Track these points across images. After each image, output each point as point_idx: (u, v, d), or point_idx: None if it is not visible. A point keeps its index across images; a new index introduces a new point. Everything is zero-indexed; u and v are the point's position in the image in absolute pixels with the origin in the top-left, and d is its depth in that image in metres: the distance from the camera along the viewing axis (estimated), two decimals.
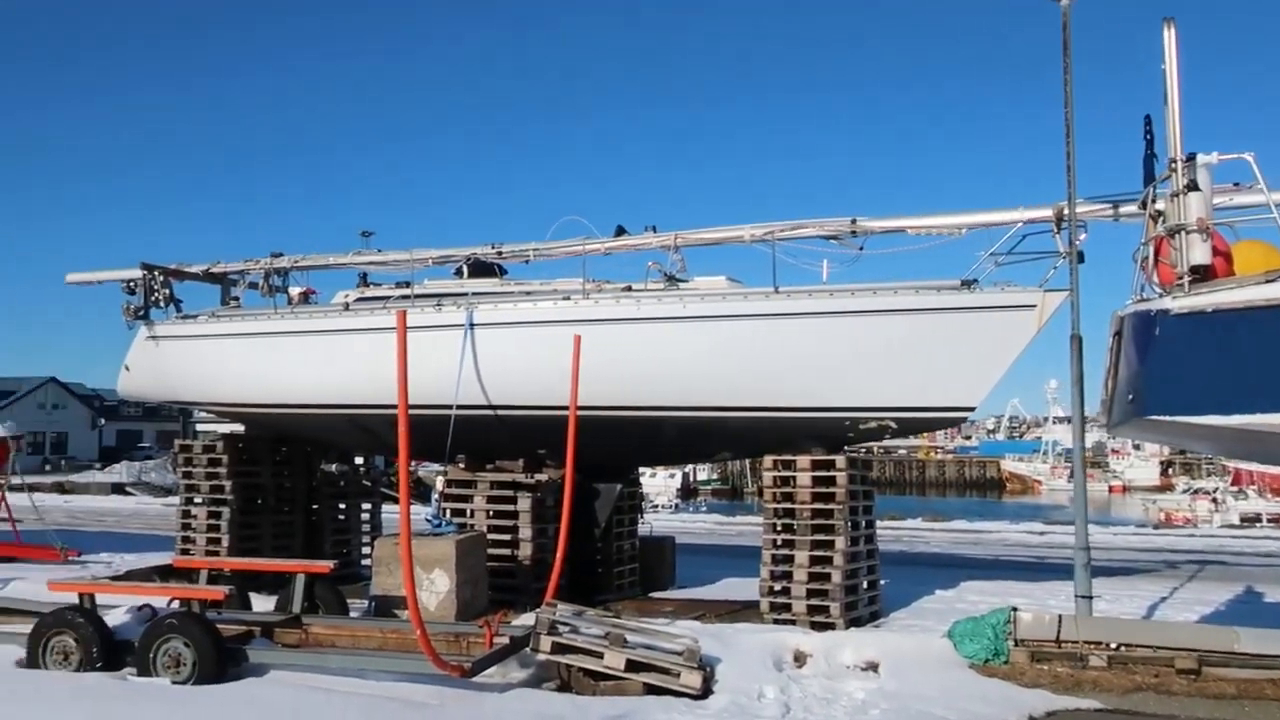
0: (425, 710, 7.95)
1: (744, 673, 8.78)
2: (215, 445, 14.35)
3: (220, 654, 8.75)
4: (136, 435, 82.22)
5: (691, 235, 12.18)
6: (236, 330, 14.05)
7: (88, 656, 9.07)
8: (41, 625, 9.33)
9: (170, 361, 14.52)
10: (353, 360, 12.73)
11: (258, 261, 14.63)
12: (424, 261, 13.53)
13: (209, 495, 14.17)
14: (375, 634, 9.68)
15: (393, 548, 11.03)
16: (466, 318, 12.13)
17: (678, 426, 12.06)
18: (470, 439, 12.19)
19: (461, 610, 10.86)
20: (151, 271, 14.38)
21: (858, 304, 10.86)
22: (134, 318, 14.56)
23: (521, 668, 9.29)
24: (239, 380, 14.03)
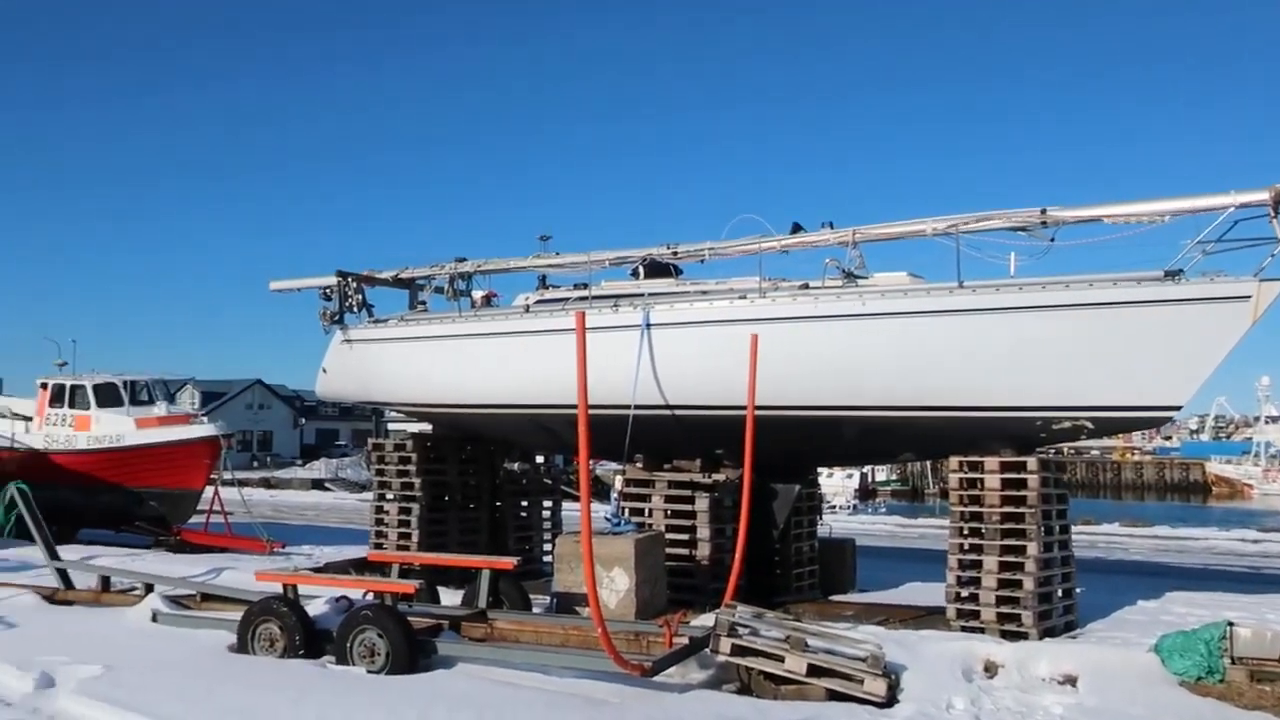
0: (606, 708, 8.01)
1: (931, 682, 8.47)
2: (405, 444, 14.94)
3: (411, 646, 9.06)
4: (334, 434, 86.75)
5: (871, 230, 11.86)
6: (423, 333, 14.57)
7: (291, 644, 9.56)
8: (250, 613, 9.91)
9: (363, 364, 15.20)
10: (533, 361, 13.00)
11: (443, 266, 15.13)
12: (601, 263, 13.69)
13: (400, 492, 14.77)
14: (557, 630, 9.83)
15: (573, 545, 11.19)
16: (643, 318, 12.19)
17: (858, 426, 11.78)
18: (648, 439, 12.25)
19: (641, 609, 10.92)
20: (346, 278, 15.08)
21: (1050, 298, 10.32)
22: (330, 322, 15.31)
23: (701, 668, 9.25)
24: (426, 381, 14.55)
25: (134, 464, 20.12)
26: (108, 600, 12.12)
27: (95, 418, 20.76)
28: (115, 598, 12.14)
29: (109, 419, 20.68)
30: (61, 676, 8.92)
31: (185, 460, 19.89)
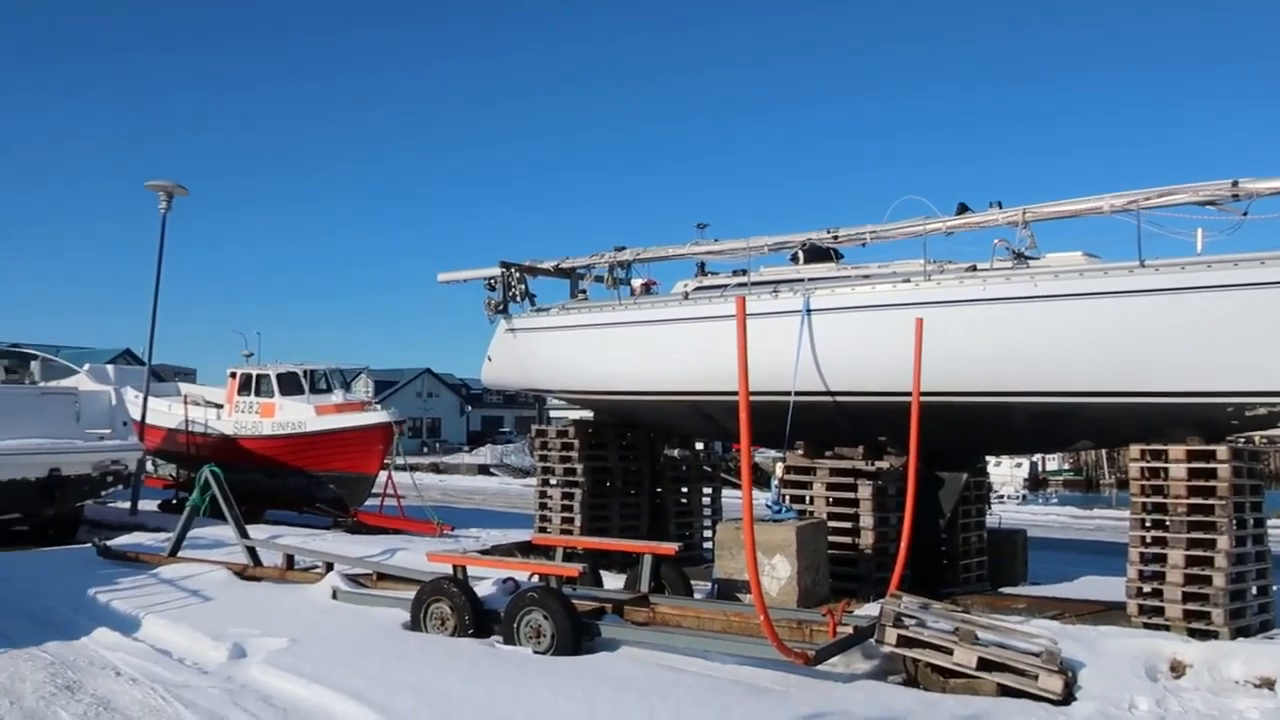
0: (770, 695, 7.97)
1: (1111, 680, 8.08)
2: (567, 430, 15.21)
3: (575, 628, 9.22)
4: (499, 421, 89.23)
5: (1042, 209, 11.36)
6: (584, 321, 14.79)
7: (461, 623, 9.87)
8: (422, 593, 10.27)
9: (526, 352, 15.54)
10: (692, 348, 13.02)
11: (602, 255, 15.32)
12: (760, 249, 13.58)
13: (562, 477, 15.05)
14: (719, 616, 9.83)
15: (734, 532, 11.17)
16: (803, 303, 12.03)
17: (1029, 413, 11.33)
18: (809, 425, 12.09)
19: (803, 597, 10.81)
20: (509, 269, 15.45)
21: (1243, 276, 9.64)
22: (495, 312, 15.72)
23: (865, 659, 9.09)
24: (586, 368, 14.77)
25: (314, 449, 21.20)
26: (292, 577, 12.78)
27: (279, 405, 21.97)
28: (299, 575, 12.79)
29: (291, 406, 21.85)
30: (252, 648, 9.47)
31: (361, 446, 20.83)
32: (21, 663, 9.28)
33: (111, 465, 18.03)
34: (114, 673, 8.98)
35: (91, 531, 18.41)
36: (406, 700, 7.71)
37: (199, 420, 23.32)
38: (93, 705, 7.97)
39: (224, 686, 8.49)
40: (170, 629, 10.36)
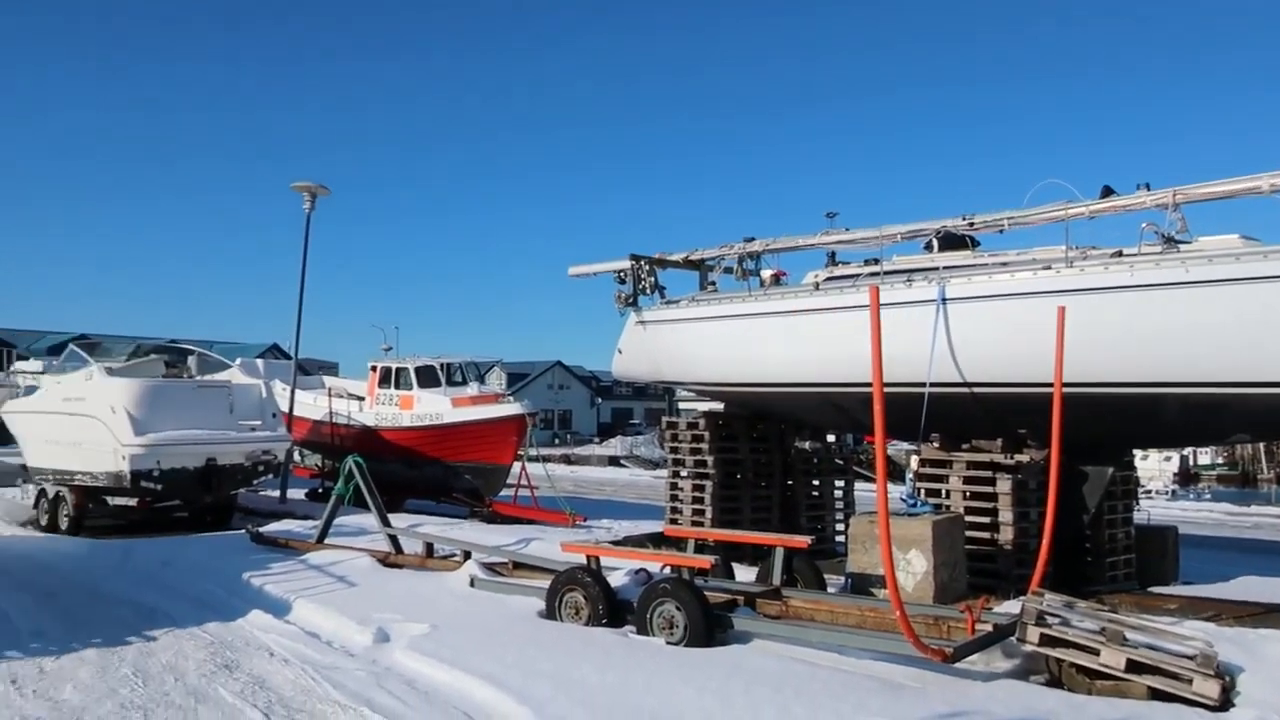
0: (906, 692, 7.83)
1: (1273, 686, 7.65)
2: (698, 422, 15.23)
3: (708, 619, 9.23)
4: (628, 413, 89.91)
5: (1194, 190, 10.83)
6: (713, 313, 14.78)
7: (595, 612, 10.00)
8: (557, 582, 10.44)
9: (656, 344, 15.62)
10: (823, 339, 12.87)
11: (731, 247, 15.27)
12: (892, 237, 13.33)
13: (693, 469, 15.08)
14: (853, 611, 9.70)
15: (868, 526, 11.00)
16: (938, 292, 11.76)
17: (1181, 405, 10.82)
18: (944, 417, 11.83)
19: (939, 593, 10.58)
20: (639, 261, 15.55)
21: None
22: (625, 304, 15.84)
23: (1005, 657, 8.83)
24: (716, 360, 14.75)
25: (451, 440, 21.76)
26: (432, 565, 13.15)
27: (417, 397, 22.62)
28: (438, 563, 13.16)
29: (429, 398, 22.46)
30: (395, 633, 9.79)
31: (496, 437, 21.28)
32: (185, 642, 9.83)
33: (262, 455, 18.90)
34: (268, 653, 9.42)
35: (244, 518, 19.33)
36: (543, 687, 7.85)
37: (342, 412, 24.20)
38: (249, 684, 8.38)
39: (369, 669, 8.81)
40: (319, 613, 10.79)
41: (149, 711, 7.59)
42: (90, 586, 12.83)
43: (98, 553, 15.08)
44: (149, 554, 14.44)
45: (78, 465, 18.28)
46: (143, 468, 17.23)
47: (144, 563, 14.01)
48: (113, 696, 7.96)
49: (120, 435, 17.22)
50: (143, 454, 17.17)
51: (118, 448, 17.21)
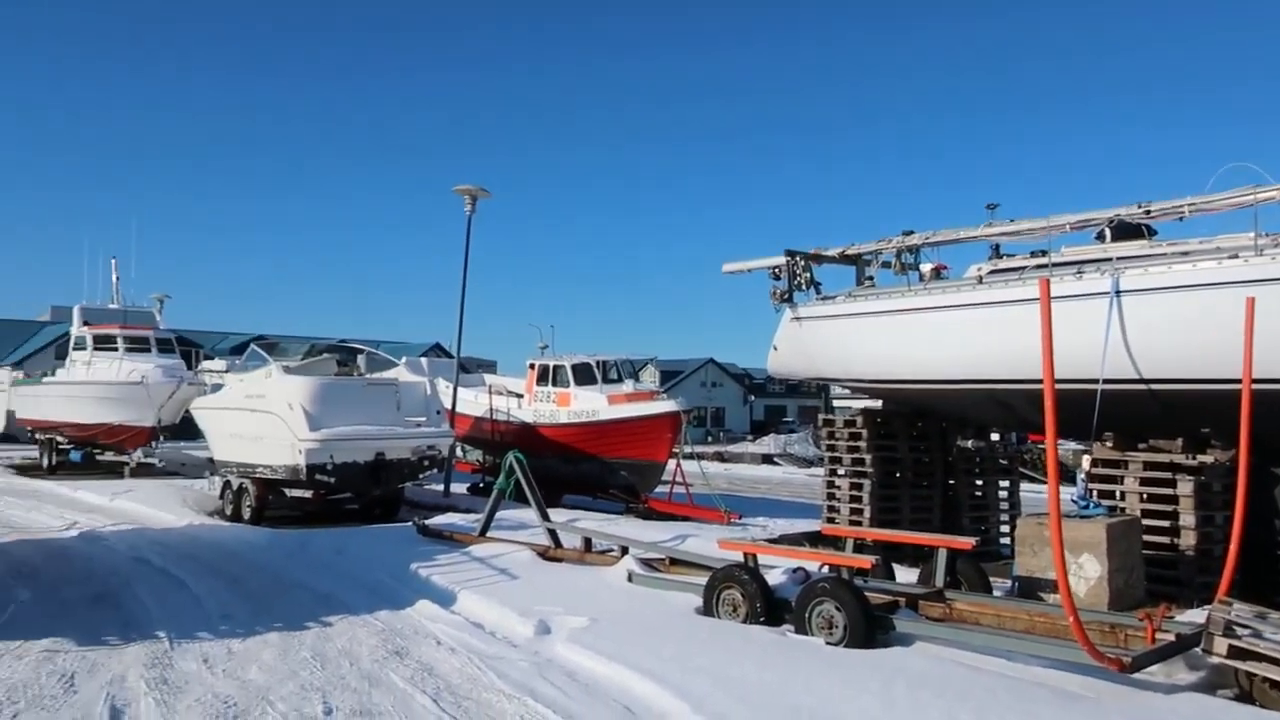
0: (1079, 702, 7.50)
1: None
2: (855, 420, 14.98)
3: (869, 620, 9.07)
4: (781, 410, 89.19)
5: None
6: (872, 309, 14.50)
7: (752, 610, 9.95)
8: (714, 579, 10.45)
9: (812, 341, 15.43)
10: (988, 334, 12.46)
11: (889, 241, 14.95)
12: (1061, 227, 12.79)
13: (850, 467, 14.84)
14: (1022, 616, 9.37)
15: (1036, 528, 10.60)
16: (1111, 284, 11.22)
17: None
18: (1118, 415, 11.28)
19: (1114, 600, 10.10)
20: (794, 257, 15.39)
21: None
22: (780, 301, 15.70)
23: (1188, 669, 8.37)
24: (875, 357, 14.47)
25: (607, 437, 22.04)
26: (590, 559, 13.35)
27: (574, 394, 23.00)
28: (596, 557, 13.35)
29: (585, 395, 22.81)
30: (555, 625, 9.98)
31: (651, 434, 21.43)
32: (358, 628, 10.27)
33: (428, 450, 19.57)
34: (435, 642, 9.74)
35: (410, 511, 20.04)
36: (702, 683, 7.87)
37: (502, 409, 24.83)
38: (418, 671, 8.69)
39: (531, 660, 9.01)
40: (482, 604, 11.10)
41: (327, 693, 7.96)
42: (272, 573, 13.54)
43: (278, 541, 15.90)
44: (324, 543, 15.14)
45: (259, 459, 19.33)
46: (317, 461, 18.09)
47: (320, 552, 14.70)
48: (294, 678, 8.38)
49: (297, 430, 18.12)
50: (317, 448, 18.02)
51: (294, 442, 18.12)
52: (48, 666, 8.59)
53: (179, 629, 10.05)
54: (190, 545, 15.93)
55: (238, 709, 7.53)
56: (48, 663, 8.71)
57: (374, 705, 7.67)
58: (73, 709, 7.47)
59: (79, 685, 8.08)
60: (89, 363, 29.57)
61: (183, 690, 7.99)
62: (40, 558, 14.50)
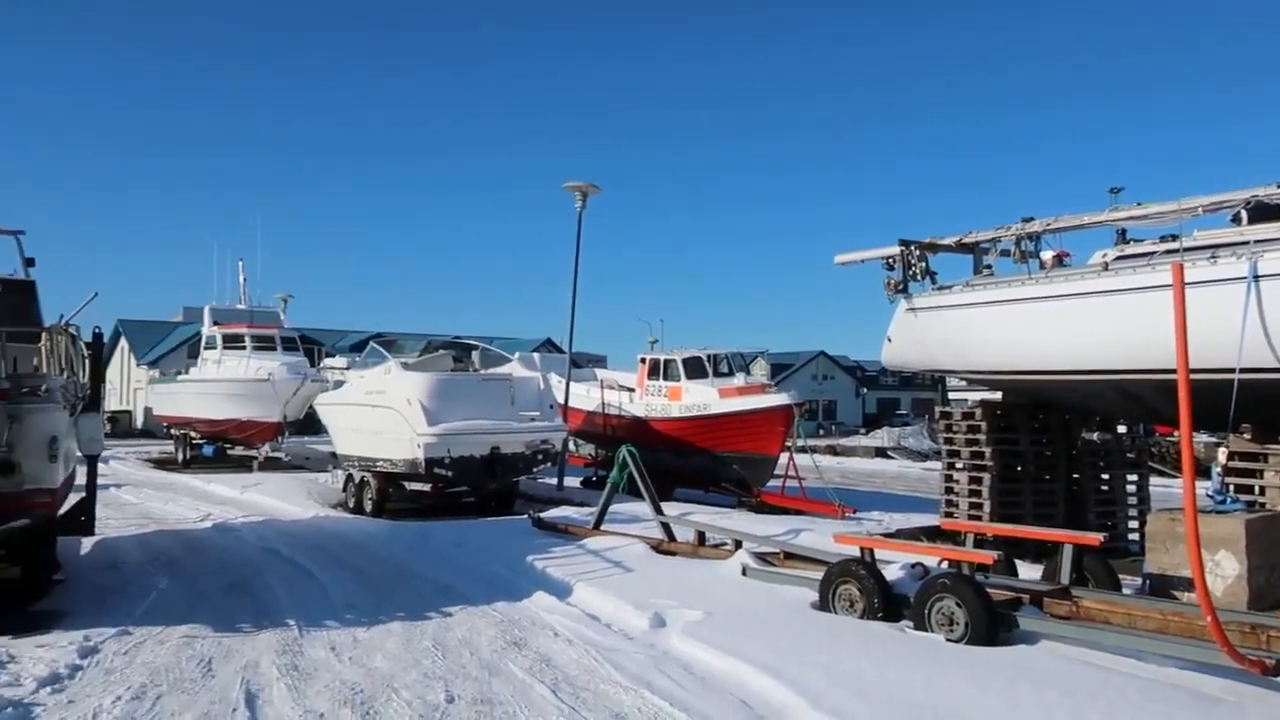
0: (1220, 706, 7.18)
1: None
2: (974, 412, 14.62)
3: (991, 617, 8.84)
4: (894, 403, 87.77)
5: None
6: (991, 298, 14.11)
7: (869, 605, 9.81)
8: (830, 574, 10.32)
9: (928, 332, 15.11)
10: (1115, 322, 12.01)
11: (1008, 228, 14.53)
12: (1192, 211, 12.23)
13: (969, 461, 14.50)
14: (1154, 615, 9.01)
15: (1169, 523, 10.19)
16: (1249, 268, 10.70)
17: None
18: (1257, 406, 10.75)
19: (1253, 599, 9.64)
20: (909, 246, 15.09)
21: None
22: (895, 292, 15.42)
23: None
24: (995, 347, 14.09)
25: (718, 430, 21.99)
26: (703, 553, 13.35)
27: (685, 388, 23.01)
28: (709, 551, 13.33)
29: (696, 389, 22.80)
30: (670, 618, 10.00)
31: (763, 427, 21.30)
32: (477, 619, 10.47)
33: (541, 444, 19.83)
34: (552, 633, 9.86)
35: (525, 504, 20.35)
36: (819, 678, 7.78)
37: (613, 403, 25.00)
38: (537, 661, 8.81)
39: (647, 653, 9.05)
40: (598, 596, 11.19)
41: (449, 682, 8.13)
42: (393, 564, 13.91)
43: (398, 533, 16.32)
44: (443, 536, 15.47)
45: (379, 453, 19.86)
46: (435, 455, 18.50)
47: (438, 544, 15.02)
48: (417, 666, 8.59)
49: (415, 425, 18.56)
50: (435, 443, 18.42)
51: (413, 437, 18.56)
52: (187, 651, 8.98)
53: (307, 617, 10.39)
54: (316, 536, 16.48)
55: (364, 695, 7.74)
56: (187, 648, 9.11)
57: (494, 694, 7.81)
58: (210, 693, 7.79)
59: (216, 670, 8.42)
60: (219, 361, 30.86)
61: (312, 676, 8.26)
62: (178, 548, 15.19)
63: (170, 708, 7.39)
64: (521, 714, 7.35)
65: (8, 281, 14.10)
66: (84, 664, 8.46)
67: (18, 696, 7.49)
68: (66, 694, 7.67)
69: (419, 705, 7.51)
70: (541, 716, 7.29)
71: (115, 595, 11.51)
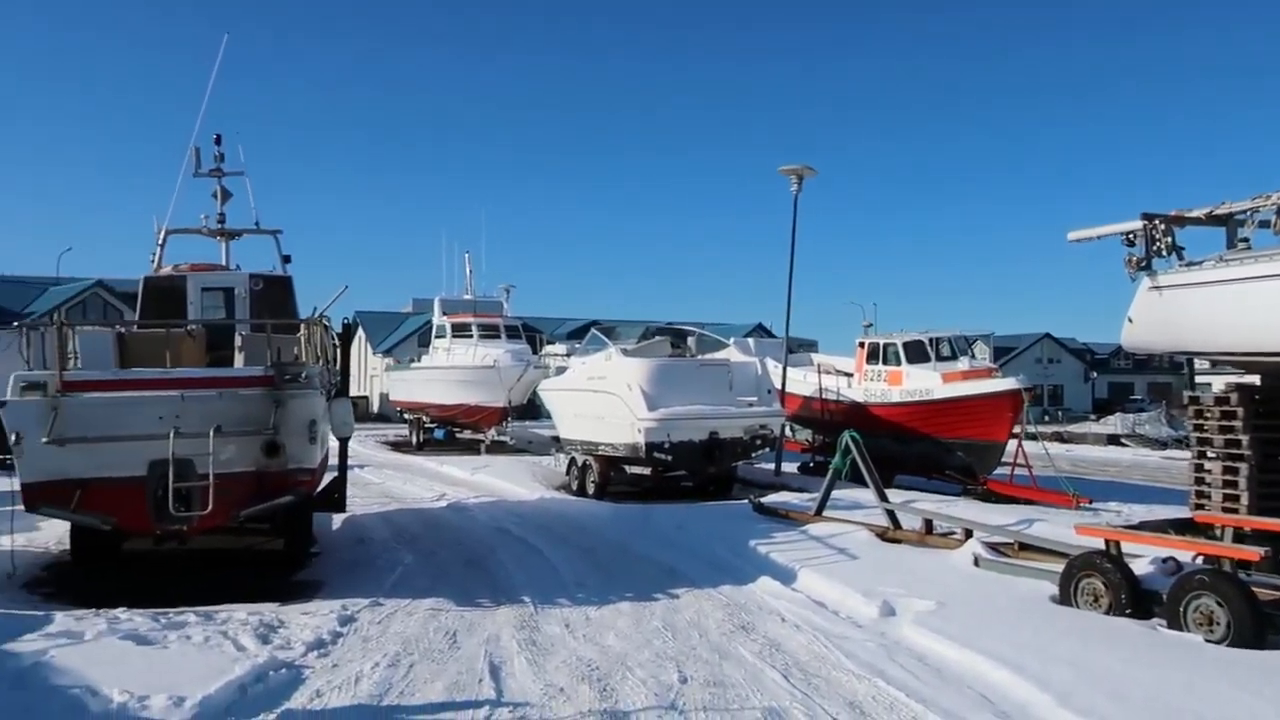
0: None
1: None
2: (1229, 397, 13.52)
3: (1258, 618, 8.21)
4: (1127, 388, 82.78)
5: None
6: (1248, 274, 12.98)
7: (1116, 601, 9.29)
8: (1072, 566, 9.84)
9: (1175, 311, 14.07)
10: None
11: (1268, 197, 13.34)
12: None
13: (1222, 450, 13.40)
14: None
15: None
16: None
17: None
18: None
19: None
20: (1152, 220, 14.10)
21: None
22: (1136, 269, 14.43)
23: None
24: (1253, 327, 12.96)
25: (941, 416, 21.32)
26: (930, 542, 12.99)
27: (905, 373, 22.43)
28: (937, 540, 12.96)
29: (918, 374, 22.18)
30: (900, 607, 9.82)
31: (989, 413, 20.49)
32: (703, 601, 10.59)
33: (759, 429, 19.81)
34: (779, 618, 9.86)
35: (743, 489, 20.39)
36: (1064, 674, 7.45)
37: (831, 388, 24.66)
38: (766, 646, 8.82)
39: (878, 641, 8.90)
40: (823, 583, 11.11)
41: (680, 663, 8.26)
42: (618, 545, 14.24)
43: (621, 516, 16.69)
44: (664, 518, 15.72)
45: (601, 437, 20.36)
46: (655, 440, 18.78)
47: (660, 526, 15.27)
48: (648, 646, 8.77)
49: (636, 410, 18.91)
50: (655, 427, 18.71)
51: (634, 422, 18.91)
52: (433, 623, 9.51)
53: (540, 595, 10.80)
54: (542, 517, 17.08)
55: (600, 672, 7.97)
56: (433, 620, 9.65)
57: (726, 677, 7.87)
58: (458, 663, 8.22)
59: (460, 642, 8.88)
60: (448, 349, 32.44)
61: (550, 652, 8.58)
62: (418, 525, 16.10)
63: (423, 675, 7.84)
64: (754, 697, 7.38)
65: (268, 277, 15.29)
66: (344, 631, 9.10)
67: (290, 659, 8.14)
68: (330, 658, 8.27)
69: (653, 685, 7.67)
70: (774, 701, 7.30)
71: (365, 568, 12.32)
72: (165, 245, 16.00)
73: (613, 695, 7.42)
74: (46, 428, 9.83)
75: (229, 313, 14.76)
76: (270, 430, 10.34)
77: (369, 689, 7.46)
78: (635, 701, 7.28)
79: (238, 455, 10.36)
